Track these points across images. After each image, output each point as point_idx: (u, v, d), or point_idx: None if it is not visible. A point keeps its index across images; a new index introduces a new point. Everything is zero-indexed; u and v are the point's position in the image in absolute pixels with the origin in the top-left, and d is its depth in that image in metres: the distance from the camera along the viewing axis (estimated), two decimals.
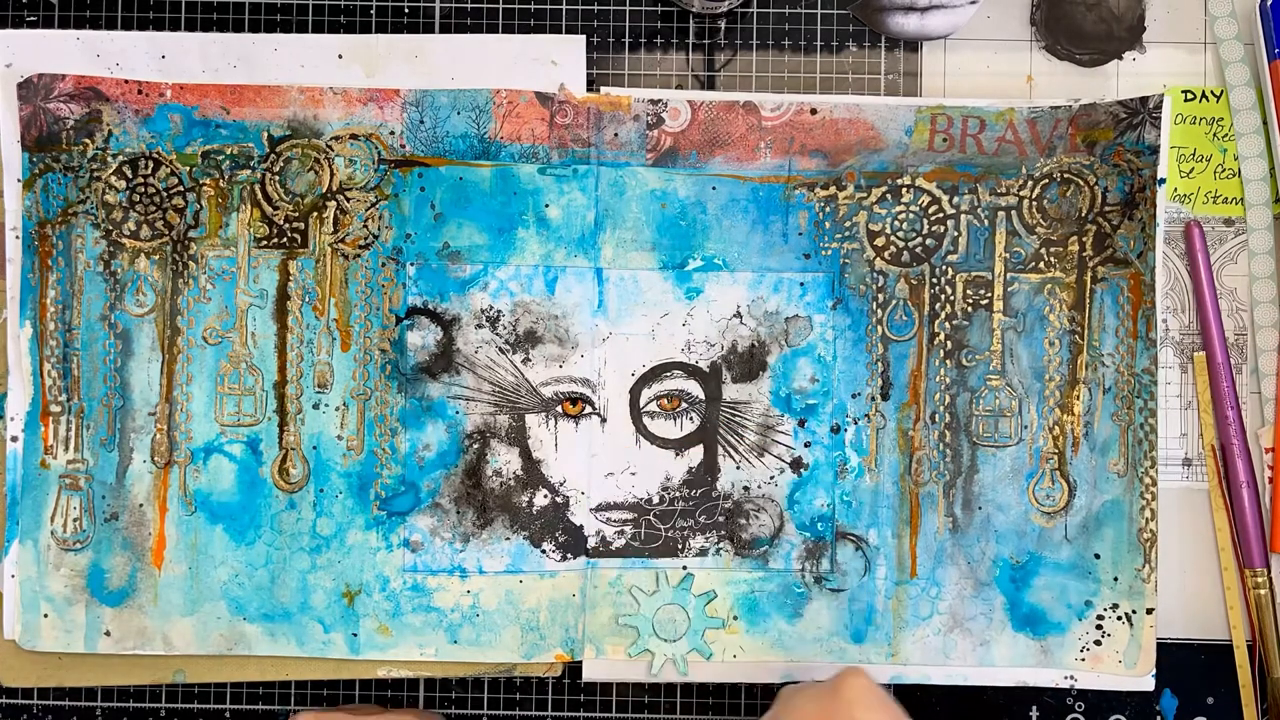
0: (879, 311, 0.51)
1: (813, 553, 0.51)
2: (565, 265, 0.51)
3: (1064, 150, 0.50)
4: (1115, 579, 0.50)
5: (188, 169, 0.50)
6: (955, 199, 0.50)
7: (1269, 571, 0.50)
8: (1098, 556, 0.50)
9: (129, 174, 0.50)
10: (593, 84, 0.51)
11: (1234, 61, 0.51)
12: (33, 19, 0.52)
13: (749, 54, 0.52)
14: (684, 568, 0.51)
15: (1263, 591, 0.50)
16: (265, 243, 0.51)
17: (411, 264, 0.50)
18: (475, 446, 0.51)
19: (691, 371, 0.51)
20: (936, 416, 0.51)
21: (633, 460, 0.51)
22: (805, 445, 0.51)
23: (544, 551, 0.51)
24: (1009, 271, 0.50)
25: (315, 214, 0.51)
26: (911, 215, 0.51)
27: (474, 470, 0.51)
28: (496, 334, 0.51)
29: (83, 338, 0.50)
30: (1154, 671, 0.50)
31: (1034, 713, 0.52)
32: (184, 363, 0.51)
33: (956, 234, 0.51)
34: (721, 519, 0.51)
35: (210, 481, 0.51)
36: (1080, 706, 0.52)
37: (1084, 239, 0.50)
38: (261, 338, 0.51)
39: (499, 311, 0.50)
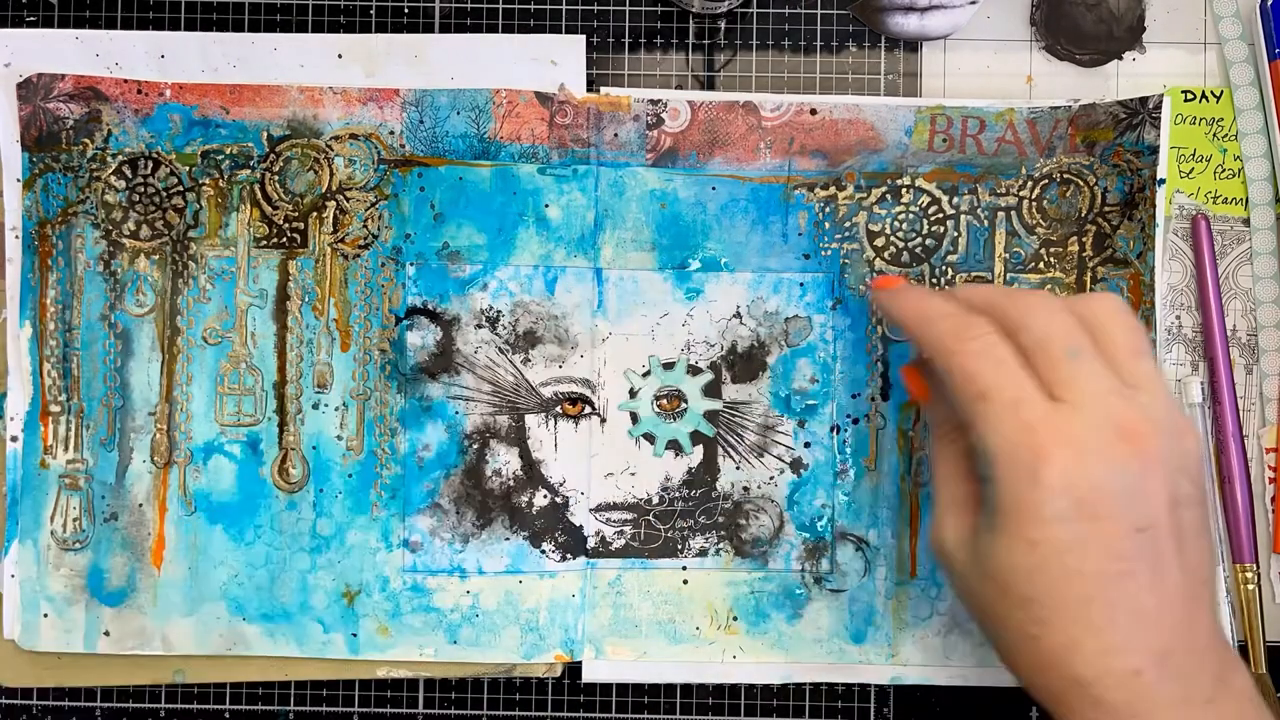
0: (879, 312, 0.51)
1: (813, 553, 0.51)
2: (565, 265, 0.51)
3: (1064, 150, 0.50)
4: None
5: (187, 169, 0.50)
6: (955, 199, 0.50)
7: (1258, 568, 0.50)
8: None
9: (129, 174, 0.50)
10: (592, 84, 0.51)
11: (1238, 61, 0.51)
12: (32, 19, 0.52)
13: (749, 54, 0.52)
14: (684, 567, 0.51)
15: (1251, 587, 0.50)
16: (265, 243, 0.51)
17: (411, 264, 0.50)
18: (475, 447, 0.51)
19: (692, 372, 0.51)
20: None
21: (632, 460, 0.51)
22: (805, 445, 0.51)
23: (544, 552, 0.51)
24: (1009, 272, 0.50)
25: (315, 214, 0.51)
26: (911, 216, 0.51)
27: (474, 470, 0.51)
28: (496, 334, 0.51)
29: (83, 338, 0.50)
30: None
31: (1034, 713, 0.52)
32: (184, 363, 0.51)
33: (956, 234, 0.50)
34: (721, 519, 0.51)
35: (210, 481, 0.51)
36: None
37: (1084, 239, 0.50)
38: (261, 338, 0.51)
39: (499, 312, 0.50)
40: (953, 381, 0.40)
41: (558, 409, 0.51)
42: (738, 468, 0.51)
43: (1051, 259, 0.50)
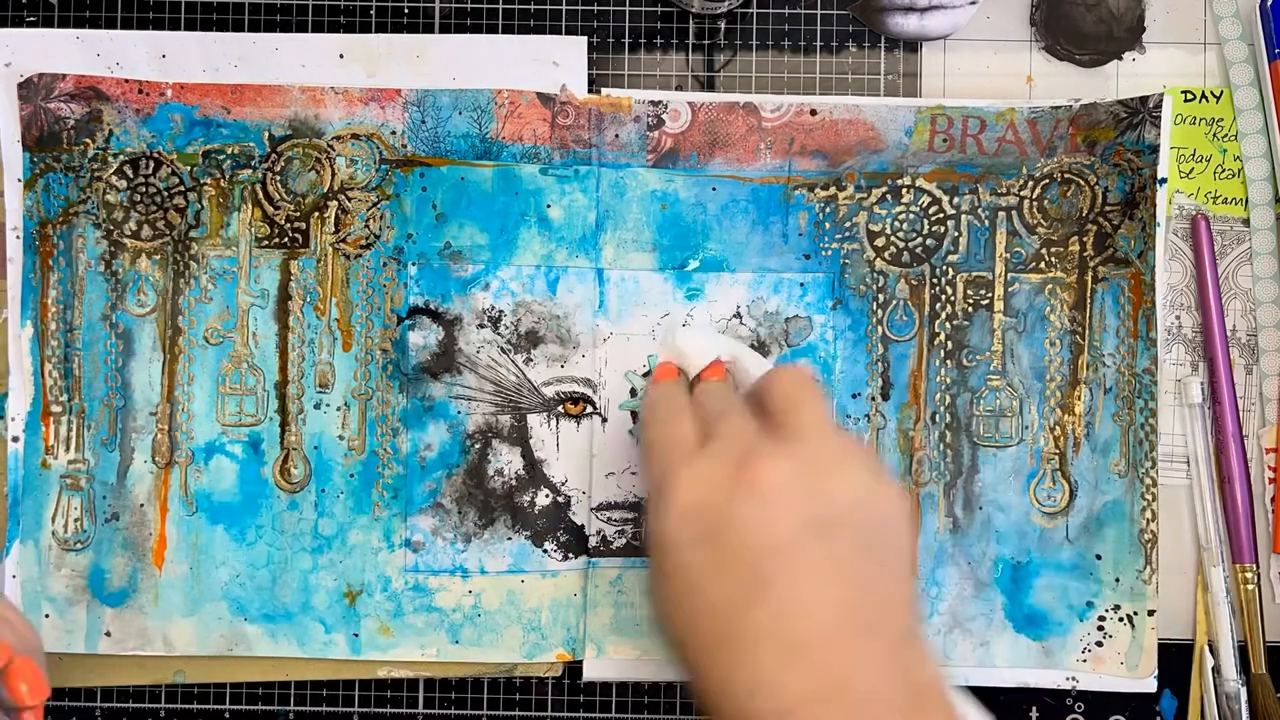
0: (879, 312, 0.51)
1: None
2: (566, 266, 0.51)
3: (1064, 150, 0.50)
4: (1116, 580, 0.50)
5: (189, 169, 0.50)
6: (955, 199, 0.50)
7: (1258, 568, 0.51)
8: (1099, 557, 0.50)
9: (130, 174, 0.50)
10: (593, 85, 0.51)
11: (1238, 62, 0.51)
12: (32, 19, 0.52)
13: (749, 55, 0.52)
14: None
15: (1251, 587, 0.50)
16: (266, 242, 0.51)
17: (413, 264, 0.50)
18: (477, 446, 0.51)
19: None
20: (937, 417, 0.51)
21: (633, 460, 0.51)
22: None
23: (545, 551, 0.51)
24: (1009, 272, 0.51)
25: (316, 214, 0.51)
26: (912, 216, 0.51)
27: (476, 470, 0.51)
28: (498, 334, 0.51)
29: (84, 338, 0.50)
30: (1155, 673, 0.50)
31: (1034, 714, 0.52)
32: (185, 363, 0.51)
33: (957, 234, 0.51)
34: None
35: (211, 482, 0.51)
36: (1080, 707, 0.52)
37: (1084, 239, 0.50)
38: (263, 338, 0.51)
39: (501, 311, 0.51)
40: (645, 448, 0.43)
41: (559, 409, 0.51)
42: None
43: (1052, 258, 0.50)
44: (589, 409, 0.51)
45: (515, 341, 0.51)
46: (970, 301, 0.51)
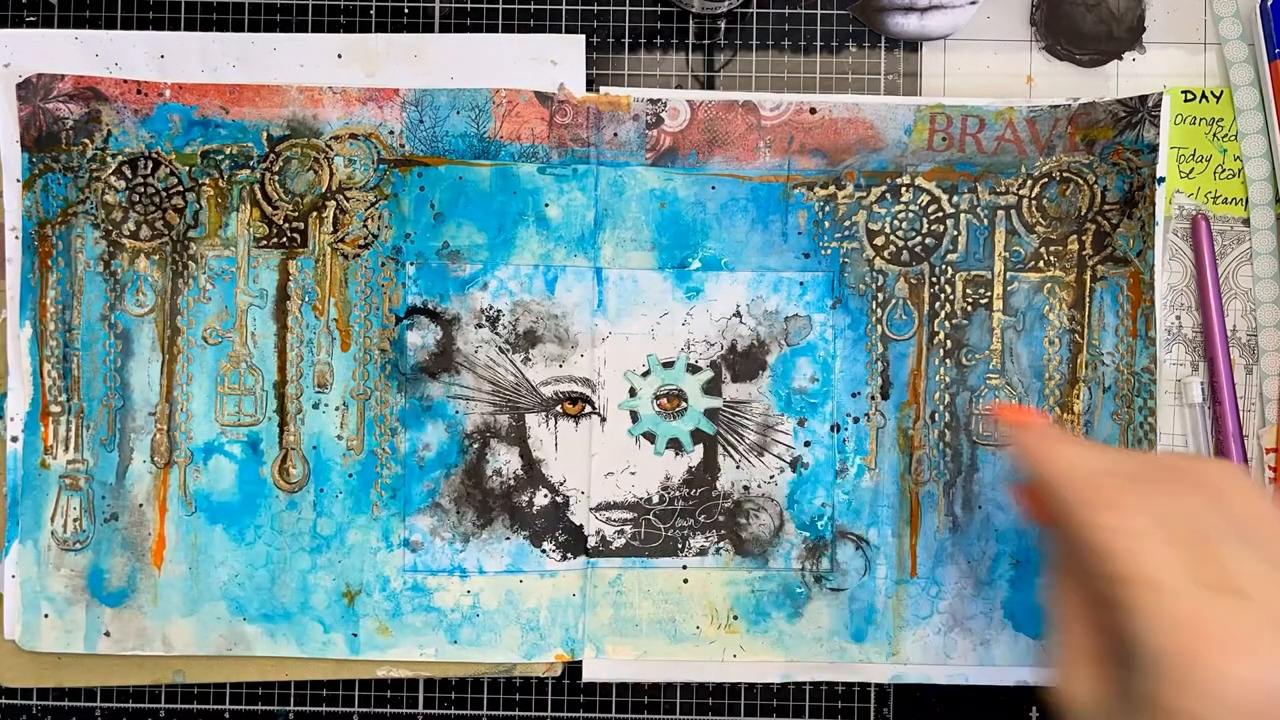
0: (879, 311, 0.51)
1: (813, 552, 0.51)
2: (565, 265, 0.51)
3: (1063, 149, 0.50)
4: None
5: (187, 169, 0.50)
6: (955, 198, 0.50)
7: None
8: None
9: (128, 174, 0.50)
10: (592, 84, 0.51)
11: (1238, 62, 0.51)
12: (32, 19, 0.52)
13: (749, 54, 0.52)
14: (684, 566, 0.51)
15: None
16: (265, 242, 0.51)
17: (411, 263, 0.50)
18: (475, 446, 0.51)
19: (691, 371, 0.51)
20: (936, 416, 0.51)
21: (632, 460, 0.51)
22: (805, 445, 0.51)
23: (544, 551, 0.51)
24: (1009, 270, 0.50)
25: (315, 214, 0.51)
26: (911, 214, 0.51)
27: (474, 470, 0.51)
28: (496, 334, 0.51)
29: (83, 338, 0.50)
30: None
31: (1034, 713, 0.52)
32: (184, 363, 0.51)
33: (956, 233, 0.51)
34: (721, 518, 0.51)
35: (210, 481, 0.51)
36: None
37: (1083, 238, 0.50)
38: (261, 338, 0.51)
39: (499, 311, 0.50)
40: (1088, 553, 0.36)
41: (558, 408, 0.51)
42: (738, 467, 0.51)
43: (1051, 257, 0.50)
44: (588, 409, 0.51)
45: (513, 341, 0.51)
46: (969, 300, 0.51)
